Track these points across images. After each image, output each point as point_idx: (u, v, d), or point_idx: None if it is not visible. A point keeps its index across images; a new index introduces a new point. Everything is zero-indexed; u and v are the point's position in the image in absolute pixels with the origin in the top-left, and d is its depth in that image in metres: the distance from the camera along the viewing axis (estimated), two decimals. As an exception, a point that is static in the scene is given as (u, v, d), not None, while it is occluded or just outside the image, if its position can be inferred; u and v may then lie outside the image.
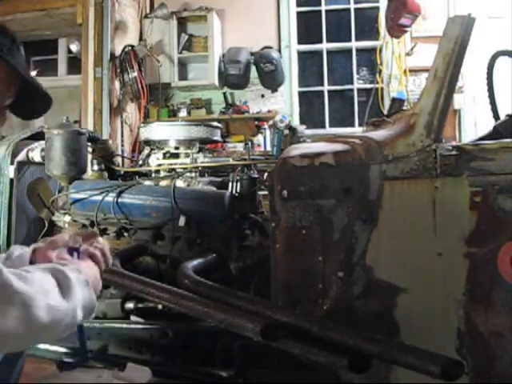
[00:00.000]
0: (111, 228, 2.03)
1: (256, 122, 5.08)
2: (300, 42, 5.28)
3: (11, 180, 2.28)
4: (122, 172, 2.37)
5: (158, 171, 2.29)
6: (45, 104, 1.28)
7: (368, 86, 5.16)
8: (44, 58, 5.97)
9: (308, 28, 5.34)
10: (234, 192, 2.06)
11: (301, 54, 5.32)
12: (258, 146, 4.92)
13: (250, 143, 4.79)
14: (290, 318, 1.30)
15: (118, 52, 4.77)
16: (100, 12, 4.68)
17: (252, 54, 4.98)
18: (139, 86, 4.80)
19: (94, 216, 2.01)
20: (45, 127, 2.21)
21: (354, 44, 5.22)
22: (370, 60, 5.18)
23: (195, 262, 1.70)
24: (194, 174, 2.24)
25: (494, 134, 1.85)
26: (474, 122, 4.70)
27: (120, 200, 2.02)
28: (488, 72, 2.16)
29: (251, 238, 2.06)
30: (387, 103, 4.76)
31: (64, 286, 0.91)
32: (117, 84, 4.76)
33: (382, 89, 4.92)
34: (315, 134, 4.69)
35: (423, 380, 1.16)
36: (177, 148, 2.35)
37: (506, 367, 1.37)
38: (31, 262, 1.10)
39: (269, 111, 5.03)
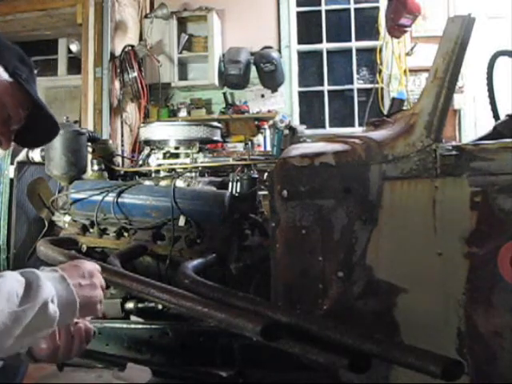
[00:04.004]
0: (111, 228, 2.03)
1: (256, 122, 5.08)
2: (300, 42, 5.28)
3: (11, 180, 2.28)
4: (122, 172, 2.37)
5: (157, 171, 2.29)
6: (51, 132, 1.29)
7: (368, 85, 5.16)
8: (44, 57, 5.98)
9: (308, 28, 5.34)
10: (233, 192, 2.06)
11: (301, 54, 5.32)
12: (258, 145, 4.92)
13: (250, 143, 4.82)
14: (290, 318, 1.30)
15: (118, 52, 4.77)
16: (100, 12, 4.69)
17: (252, 54, 4.98)
18: (139, 85, 4.80)
19: (94, 216, 2.01)
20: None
21: (354, 44, 5.22)
22: (370, 60, 5.18)
23: (195, 262, 1.70)
24: (194, 174, 2.24)
25: (494, 134, 1.85)
26: (474, 121, 4.71)
27: (120, 200, 2.02)
28: (488, 72, 2.16)
29: (251, 238, 2.06)
30: (387, 103, 4.77)
31: (31, 285, 0.90)
32: (117, 84, 4.76)
33: (382, 89, 4.93)
34: (315, 133, 4.69)
35: (423, 380, 1.16)
36: (177, 148, 2.35)
37: (506, 367, 1.37)
38: None
39: (269, 111, 5.04)
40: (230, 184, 2.09)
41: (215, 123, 2.50)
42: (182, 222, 1.92)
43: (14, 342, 0.86)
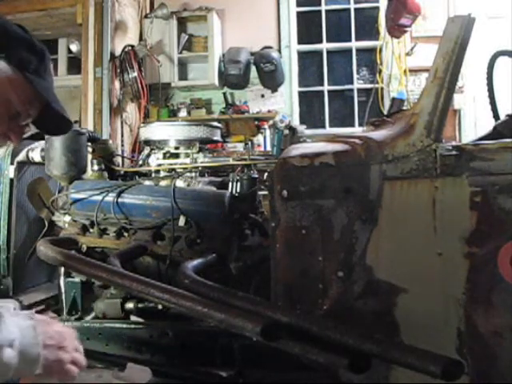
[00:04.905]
0: (111, 228, 2.03)
1: (256, 122, 5.08)
2: (300, 42, 5.28)
3: (11, 180, 2.29)
4: (122, 172, 2.37)
5: (157, 171, 2.29)
6: (64, 127, 1.24)
7: (368, 85, 5.16)
8: (44, 57, 5.97)
9: (308, 28, 5.34)
10: (233, 192, 2.06)
11: (301, 54, 5.32)
12: (258, 145, 4.92)
13: (250, 143, 4.82)
14: (290, 318, 1.30)
15: (118, 52, 4.77)
16: (100, 12, 4.69)
17: (252, 54, 4.98)
18: (139, 85, 4.80)
19: (94, 216, 2.01)
20: (45, 127, 2.21)
21: (354, 44, 5.22)
22: (370, 60, 5.18)
23: (195, 262, 1.70)
24: (194, 174, 2.24)
25: (494, 134, 1.86)
26: (474, 121, 4.71)
27: (120, 200, 2.02)
28: (488, 72, 2.16)
29: (251, 238, 2.06)
30: (387, 103, 4.77)
31: None
32: (117, 84, 4.76)
33: (382, 89, 4.92)
34: (315, 134, 4.69)
35: (423, 380, 1.16)
36: (177, 148, 2.35)
37: (506, 367, 1.37)
38: None
39: (269, 111, 5.03)
40: (230, 184, 2.09)
41: (215, 123, 2.50)
42: (181, 222, 1.92)
43: None
